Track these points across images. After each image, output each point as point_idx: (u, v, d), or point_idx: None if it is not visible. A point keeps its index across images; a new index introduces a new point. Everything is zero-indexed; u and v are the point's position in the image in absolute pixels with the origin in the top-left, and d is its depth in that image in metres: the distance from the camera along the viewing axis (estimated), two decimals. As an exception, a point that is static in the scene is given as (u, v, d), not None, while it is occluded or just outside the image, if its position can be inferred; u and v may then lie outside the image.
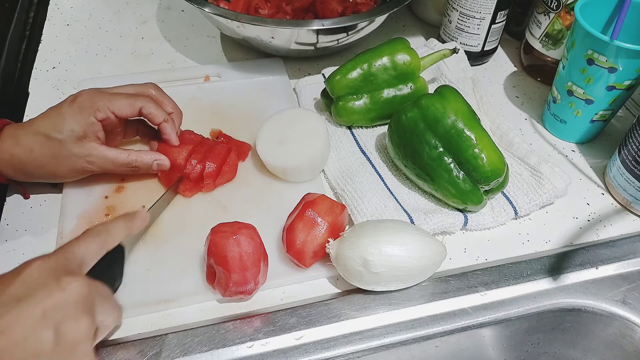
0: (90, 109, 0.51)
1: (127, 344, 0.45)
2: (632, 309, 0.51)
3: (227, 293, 0.46)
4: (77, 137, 0.51)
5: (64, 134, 0.50)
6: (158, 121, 0.54)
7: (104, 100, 0.52)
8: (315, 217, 0.48)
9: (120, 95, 0.53)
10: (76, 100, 0.51)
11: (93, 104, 0.51)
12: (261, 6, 0.74)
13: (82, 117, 0.51)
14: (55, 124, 0.50)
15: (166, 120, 0.55)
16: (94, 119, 0.51)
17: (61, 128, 0.50)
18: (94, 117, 0.51)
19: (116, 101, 0.52)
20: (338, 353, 0.46)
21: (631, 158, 0.55)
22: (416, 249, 0.47)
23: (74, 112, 0.51)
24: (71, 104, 0.51)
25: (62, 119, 0.50)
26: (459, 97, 0.54)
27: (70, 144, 0.50)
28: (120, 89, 0.55)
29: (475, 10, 0.69)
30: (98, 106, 0.51)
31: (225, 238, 0.45)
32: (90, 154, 0.51)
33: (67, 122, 0.50)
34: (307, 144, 0.56)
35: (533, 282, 0.51)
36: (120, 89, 0.55)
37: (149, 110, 0.54)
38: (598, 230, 0.57)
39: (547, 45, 0.69)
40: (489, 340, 0.52)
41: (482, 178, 0.52)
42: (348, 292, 0.50)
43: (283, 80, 0.71)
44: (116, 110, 0.52)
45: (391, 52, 0.60)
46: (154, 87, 0.57)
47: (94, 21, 0.80)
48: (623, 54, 0.54)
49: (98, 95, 0.52)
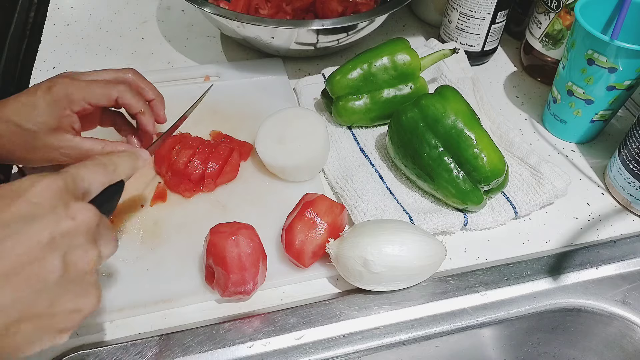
0: (65, 100, 0.48)
1: (127, 344, 0.45)
2: (632, 309, 0.51)
3: (226, 293, 0.46)
4: (51, 129, 0.48)
5: (37, 125, 0.47)
6: (134, 112, 0.52)
7: (79, 90, 0.49)
8: (315, 217, 0.48)
9: (97, 83, 0.50)
10: (50, 91, 0.48)
11: (68, 95, 0.48)
12: (261, 6, 0.74)
13: (57, 109, 0.48)
14: (28, 114, 0.47)
15: (142, 113, 0.52)
16: (69, 111, 0.49)
17: (34, 119, 0.47)
18: (69, 110, 0.49)
19: (92, 90, 0.50)
20: (338, 353, 0.46)
21: (631, 158, 0.55)
22: (416, 249, 0.47)
23: (47, 103, 0.48)
24: (45, 94, 0.48)
25: (34, 110, 0.47)
26: (459, 97, 0.54)
27: (44, 136, 0.48)
28: (97, 75, 0.52)
29: (475, 10, 0.69)
30: (73, 97, 0.49)
31: (224, 238, 0.45)
32: (65, 145, 0.49)
33: (40, 114, 0.47)
34: (307, 143, 0.56)
35: (533, 282, 0.51)
36: (98, 75, 0.52)
37: (125, 101, 0.51)
38: (598, 230, 0.57)
39: (547, 45, 0.69)
40: (489, 340, 0.52)
41: (482, 178, 0.52)
42: (348, 292, 0.50)
43: (283, 80, 0.71)
44: (92, 100, 0.50)
45: (391, 52, 0.60)
46: (132, 72, 0.54)
47: (94, 21, 0.80)
48: (623, 54, 0.54)
49: (73, 84, 0.49)
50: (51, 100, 0.48)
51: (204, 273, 0.49)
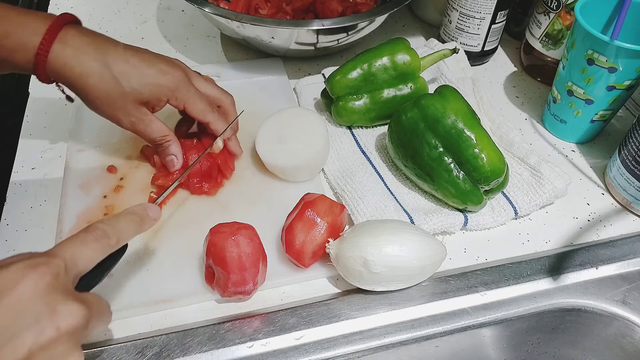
0: (170, 92, 0.50)
1: (127, 344, 0.45)
2: (632, 309, 0.51)
3: (226, 293, 0.46)
4: (139, 100, 0.49)
5: (132, 90, 0.48)
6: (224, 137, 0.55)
7: (186, 94, 0.51)
8: (315, 217, 0.48)
9: (201, 98, 0.53)
10: (166, 74, 0.50)
11: (177, 89, 0.50)
12: (261, 6, 0.74)
13: (159, 92, 0.49)
14: (132, 76, 0.48)
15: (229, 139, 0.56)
16: (166, 100, 0.50)
17: (134, 84, 0.48)
18: (166, 100, 0.51)
19: (195, 102, 0.52)
20: (338, 353, 0.46)
21: (631, 158, 0.55)
22: (416, 249, 0.47)
23: (156, 82, 0.49)
24: (160, 73, 0.49)
25: (142, 79, 0.48)
26: (459, 97, 0.54)
27: (130, 101, 0.48)
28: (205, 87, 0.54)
29: (475, 10, 0.69)
30: (179, 94, 0.50)
31: (223, 239, 0.45)
32: (138, 118, 0.50)
33: (143, 84, 0.48)
34: (307, 143, 0.56)
35: (533, 282, 0.51)
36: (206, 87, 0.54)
37: (216, 127, 0.54)
38: (598, 230, 0.57)
39: (547, 45, 0.69)
40: (489, 340, 0.52)
41: (482, 178, 0.52)
42: (348, 292, 0.50)
43: (283, 80, 0.71)
44: (188, 108, 0.52)
45: (391, 52, 0.60)
46: (230, 101, 0.57)
47: (94, 21, 0.80)
48: (623, 54, 0.54)
49: (184, 84, 0.51)
50: (162, 82, 0.49)
51: (204, 273, 0.49)
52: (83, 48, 0.47)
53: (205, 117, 0.53)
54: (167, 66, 0.50)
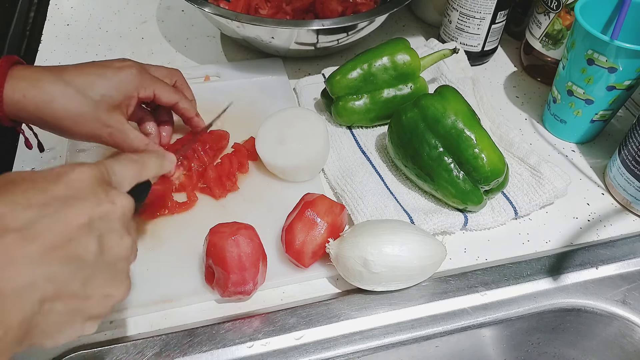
0: (137, 82, 0.50)
1: (127, 344, 0.45)
2: (632, 309, 0.51)
3: (226, 293, 0.46)
4: (112, 105, 0.48)
5: (102, 96, 0.48)
6: (189, 116, 0.56)
7: (151, 81, 0.51)
8: (315, 217, 0.48)
9: (162, 82, 0.53)
10: (123, 70, 0.49)
11: (142, 80, 0.50)
12: (261, 6, 0.74)
13: (128, 88, 0.49)
14: (94, 83, 0.47)
15: (197, 115, 0.56)
16: (136, 94, 0.50)
17: (102, 90, 0.48)
18: (137, 93, 0.50)
19: (162, 87, 0.52)
20: (338, 353, 0.46)
21: (631, 158, 0.55)
22: (416, 249, 0.47)
23: (120, 79, 0.49)
24: (118, 70, 0.49)
25: (105, 81, 0.48)
26: (459, 97, 0.54)
27: (102, 110, 0.48)
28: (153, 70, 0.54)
29: (475, 10, 0.69)
30: (145, 84, 0.50)
31: (223, 239, 0.45)
32: (115, 127, 0.49)
33: (109, 86, 0.48)
34: (307, 143, 0.56)
35: (533, 282, 0.51)
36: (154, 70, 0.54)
37: (183, 105, 0.55)
38: (598, 230, 0.57)
39: (547, 45, 0.69)
40: (489, 340, 0.52)
41: (482, 178, 0.52)
42: (348, 292, 0.50)
43: (283, 80, 0.71)
44: (157, 94, 0.52)
45: (391, 52, 0.60)
46: (180, 75, 0.57)
47: (94, 21, 0.80)
48: (623, 54, 0.54)
49: (144, 73, 0.51)
50: (124, 78, 0.49)
51: (204, 273, 0.49)
52: (37, 76, 0.46)
53: (173, 98, 0.54)
54: (120, 63, 0.50)
